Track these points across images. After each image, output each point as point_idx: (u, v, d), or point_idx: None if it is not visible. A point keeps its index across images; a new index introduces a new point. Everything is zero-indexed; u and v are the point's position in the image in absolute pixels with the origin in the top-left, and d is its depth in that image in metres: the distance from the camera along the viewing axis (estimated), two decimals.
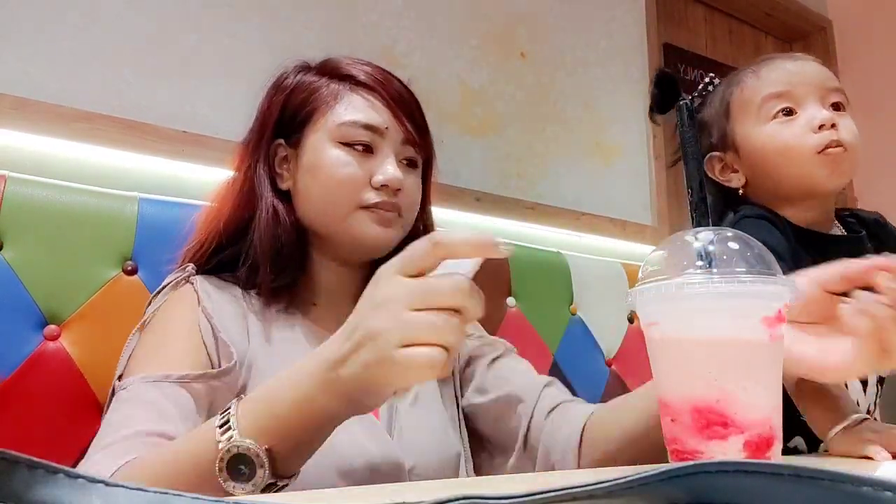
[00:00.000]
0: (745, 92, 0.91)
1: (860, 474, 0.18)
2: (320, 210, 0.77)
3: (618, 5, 2.18)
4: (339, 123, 0.76)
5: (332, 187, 0.75)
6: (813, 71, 0.88)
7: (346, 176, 0.75)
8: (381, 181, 0.75)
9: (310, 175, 0.77)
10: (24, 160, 1.10)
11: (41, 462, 0.24)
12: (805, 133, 0.84)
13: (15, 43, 1.14)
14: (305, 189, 0.77)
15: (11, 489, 0.23)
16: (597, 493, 0.22)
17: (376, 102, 0.77)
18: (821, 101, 0.86)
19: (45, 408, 0.81)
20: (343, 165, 0.75)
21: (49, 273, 0.85)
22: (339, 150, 0.75)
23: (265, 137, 0.80)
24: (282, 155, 0.80)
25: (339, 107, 0.77)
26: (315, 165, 0.76)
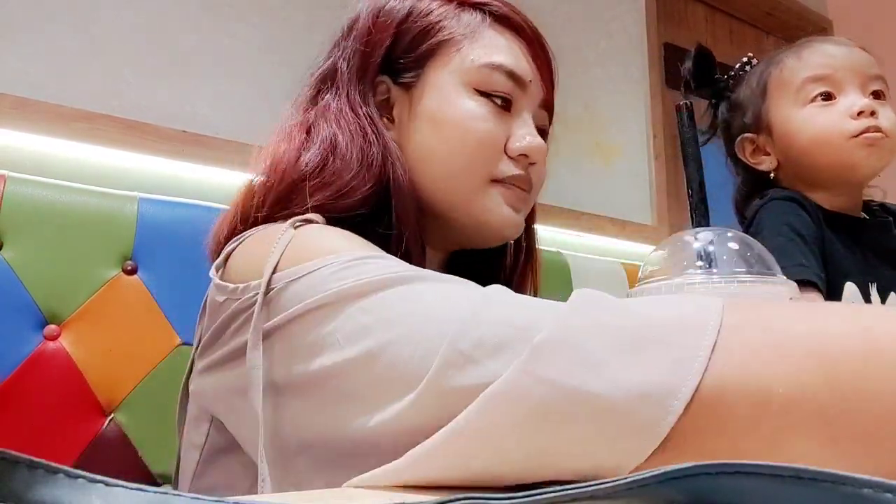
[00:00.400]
0: (785, 73, 0.89)
1: (861, 476, 0.18)
2: (442, 176, 0.58)
3: (618, 5, 2.18)
4: (480, 65, 0.58)
5: (462, 147, 0.57)
6: (856, 56, 0.85)
7: (484, 135, 0.57)
8: (520, 149, 0.58)
9: (431, 126, 0.58)
10: (24, 160, 1.10)
11: (41, 462, 0.24)
12: (843, 119, 0.83)
13: (15, 43, 1.14)
14: (423, 145, 0.58)
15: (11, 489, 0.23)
16: (597, 494, 0.22)
17: (521, 48, 0.61)
18: (861, 88, 0.84)
19: (45, 408, 0.81)
20: (481, 120, 0.57)
21: (49, 273, 0.85)
22: (475, 99, 0.58)
23: (370, 72, 0.60)
24: (382, 97, 0.61)
25: (477, 43, 0.59)
26: (442, 115, 0.57)
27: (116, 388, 0.85)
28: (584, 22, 2.06)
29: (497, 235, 0.60)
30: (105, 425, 0.85)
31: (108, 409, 0.85)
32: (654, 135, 2.14)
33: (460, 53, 0.59)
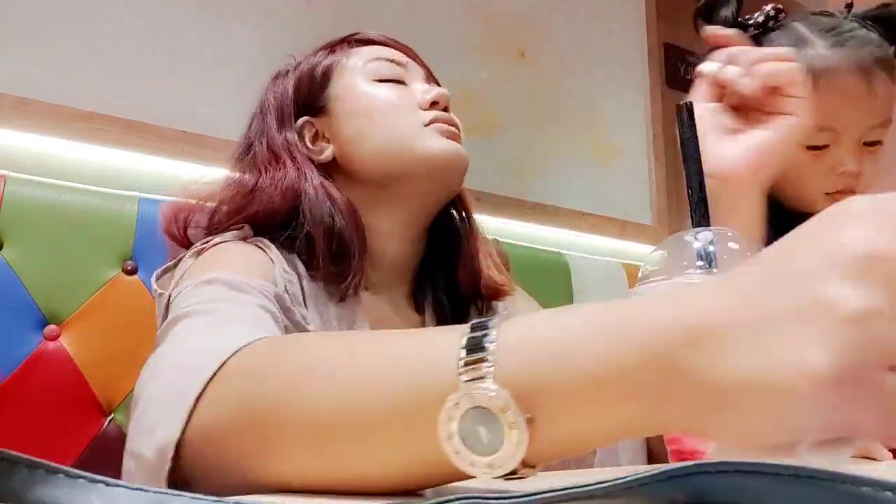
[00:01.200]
0: None
1: (860, 474, 0.18)
2: (382, 145, 0.69)
3: (618, 5, 2.18)
4: (365, 62, 0.72)
5: (386, 115, 0.69)
6: (869, 104, 0.80)
7: (397, 100, 0.70)
8: (429, 98, 0.70)
9: (357, 118, 0.71)
10: (24, 160, 1.10)
11: (41, 462, 0.24)
12: (825, 175, 0.82)
13: (15, 43, 1.14)
14: (356, 136, 0.71)
15: (11, 489, 0.23)
16: (596, 494, 0.22)
17: (385, 48, 0.75)
18: (858, 141, 0.81)
19: (45, 408, 0.81)
20: (387, 94, 0.71)
21: (49, 273, 0.85)
22: (375, 84, 0.71)
23: (286, 121, 0.74)
24: (311, 134, 0.74)
25: (354, 56, 0.74)
26: (359, 106, 0.71)
27: (116, 388, 0.85)
28: (584, 22, 2.06)
29: (444, 164, 0.69)
30: (105, 425, 0.85)
31: (108, 409, 0.85)
32: (655, 135, 2.14)
33: (347, 66, 0.73)
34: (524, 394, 0.27)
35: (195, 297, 0.51)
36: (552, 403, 0.27)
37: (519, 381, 0.27)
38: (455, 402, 0.28)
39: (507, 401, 0.27)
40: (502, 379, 0.28)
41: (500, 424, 0.27)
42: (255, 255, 0.63)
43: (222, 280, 0.53)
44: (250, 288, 0.53)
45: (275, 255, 0.64)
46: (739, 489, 0.20)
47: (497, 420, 0.27)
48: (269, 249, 0.64)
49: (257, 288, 0.54)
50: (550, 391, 0.27)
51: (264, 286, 0.55)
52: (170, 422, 0.35)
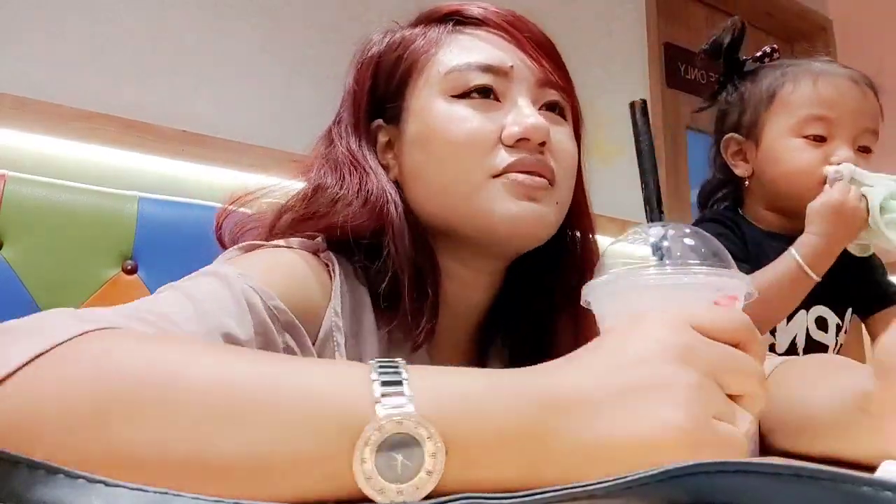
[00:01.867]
0: (795, 95, 0.90)
1: (860, 474, 0.18)
2: (439, 191, 0.55)
3: (618, 5, 2.18)
4: (447, 70, 0.55)
5: (449, 154, 0.54)
6: (862, 105, 0.87)
7: (467, 135, 0.53)
8: (515, 134, 0.53)
9: (419, 148, 0.56)
10: (24, 159, 1.10)
11: (41, 462, 0.24)
12: (822, 164, 0.86)
13: (15, 43, 1.14)
14: (417, 169, 0.56)
15: (12, 489, 0.23)
16: (597, 493, 0.22)
17: (494, 38, 0.57)
18: (852, 140, 0.86)
19: None
20: (460, 122, 0.54)
21: (49, 272, 0.85)
22: (453, 105, 0.54)
23: (361, 121, 0.59)
24: (383, 141, 0.60)
25: (442, 52, 0.57)
26: (424, 134, 0.55)
27: None
28: (584, 22, 2.07)
29: (506, 232, 0.53)
30: None
31: None
32: (655, 135, 2.14)
33: (429, 69, 0.57)
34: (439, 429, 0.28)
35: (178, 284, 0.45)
36: (463, 442, 0.29)
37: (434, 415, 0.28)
38: (377, 426, 0.28)
39: (432, 430, 0.28)
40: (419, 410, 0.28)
41: (420, 452, 0.28)
42: (307, 272, 0.52)
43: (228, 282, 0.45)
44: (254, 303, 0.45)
45: (336, 291, 0.52)
46: (739, 489, 0.20)
47: (418, 448, 0.28)
48: (335, 278, 0.53)
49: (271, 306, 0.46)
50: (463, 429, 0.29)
51: (279, 310, 0.47)
52: None
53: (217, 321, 0.42)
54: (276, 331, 0.46)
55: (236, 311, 0.44)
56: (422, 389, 0.29)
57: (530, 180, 0.52)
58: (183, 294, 0.43)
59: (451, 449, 0.28)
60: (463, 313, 0.60)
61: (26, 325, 0.35)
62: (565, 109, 0.60)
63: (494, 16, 0.58)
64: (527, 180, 0.52)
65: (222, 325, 0.42)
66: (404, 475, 0.28)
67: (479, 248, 0.56)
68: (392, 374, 0.30)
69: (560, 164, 0.55)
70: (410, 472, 0.28)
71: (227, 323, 0.43)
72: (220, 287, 0.45)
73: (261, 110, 1.29)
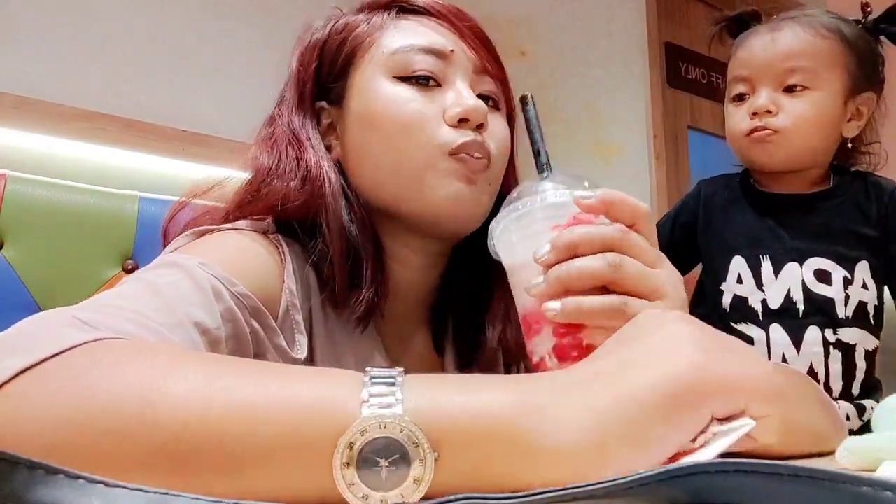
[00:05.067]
0: (729, 65, 0.95)
1: (860, 474, 0.18)
2: (385, 170, 0.56)
3: (619, 5, 2.18)
4: (391, 51, 0.57)
5: (396, 134, 0.55)
6: (775, 52, 0.88)
7: (413, 113, 0.55)
8: (457, 113, 0.54)
9: (364, 126, 0.57)
10: (25, 159, 1.10)
11: (41, 463, 0.24)
12: (744, 118, 0.89)
13: (15, 43, 1.14)
14: (361, 147, 0.57)
15: (11, 489, 0.23)
16: (597, 494, 0.22)
17: (435, 24, 0.60)
18: (775, 84, 0.89)
19: None
20: (405, 102, 0.55)
21: (49, 272, 0.85)
22: (397, 85, 0.56)
23: (306, 101, 0.61)
24: (326, 122, 0.61)
25: (386, 36, 0.58)
26: (369, 112, 0.57)
27: None
28: (584, 22, 2.06)
29: (450, 214, 0.55)
30: None
31: None
32: (655, 134, 2.14)
33: (373, 51, 0.58)
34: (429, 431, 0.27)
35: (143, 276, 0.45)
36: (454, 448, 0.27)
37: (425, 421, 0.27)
38: (361, 429, 0.26)
39: (419, 436, 0.26)
40: (409, 413, 0.27)
41: (407, 459, 0.26)
42: (261, 254, 0.53)
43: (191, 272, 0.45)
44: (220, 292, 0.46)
45: (288, 270, 0.54)
46: (739, 489, 0.20)
47: (405, 454, 0.26)
48: (286, 259, 0.54)
49: (236, 293, 0.47)
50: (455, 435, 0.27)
51: (244, 295, 0.47)
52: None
53: (185, 312, 0.42)
54: (244, 318, 0.47)
55: (203, 301, 0.44)
56: (415, 395, 0.28)
57: (475, 162, 0.55)
58: (150, 287, 0.43)
59: (442, 456, 0.27)
60: (412, 296, 0.61)
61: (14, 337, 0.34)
62: (499, 101, 0.62)
63: (437, 5, 0.60)
64: (473, 163, 0.54)
65: (191, 314, 0.42)
66: (388, 483, 0.26)
67: (418, 228, 0.57)
68: (385, 380, 0.29)
69: (495, 146, 0.57)
70: (396, 479, 0.26)
71: (194, 313, 0.43)
72: (183, 277, 0.44)
73: (261, 110, 1.29)
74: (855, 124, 0.91)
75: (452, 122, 0.54)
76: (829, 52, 0.88)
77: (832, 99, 0.88)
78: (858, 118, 0.91)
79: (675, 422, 0.28)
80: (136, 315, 0.38)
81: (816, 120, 0.87)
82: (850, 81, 0.89)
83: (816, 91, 0.88)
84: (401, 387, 0.28)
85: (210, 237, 0.53)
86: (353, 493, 0.26)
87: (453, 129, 0.54)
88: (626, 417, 0.28)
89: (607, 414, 0.28)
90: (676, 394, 0.28)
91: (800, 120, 0.87)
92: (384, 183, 0.56)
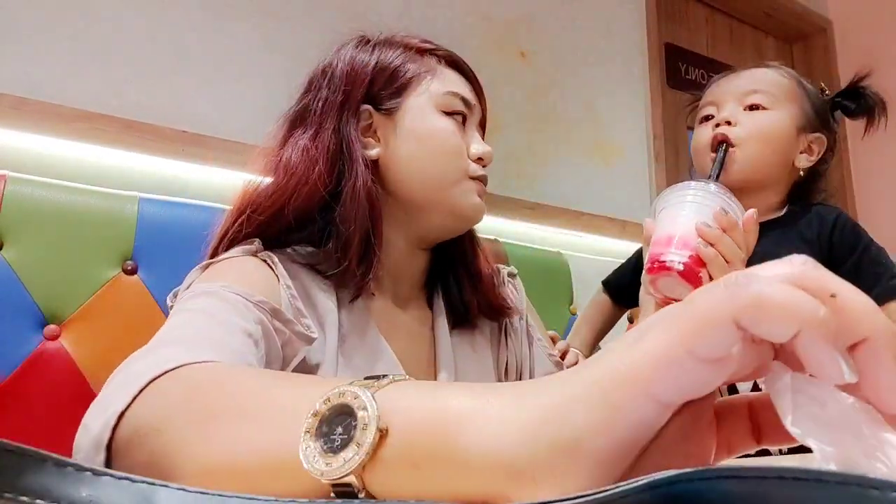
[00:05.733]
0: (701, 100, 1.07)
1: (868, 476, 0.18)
2: (424, 177, 0.74)
3: (618, 5, 2.17)
4: (444, 92, 0.75)
5: (442, 154, 0.74)
6: (735, 83, 1.01)
7: (456, 145, 0.75)
8: (478, 153, 0.76)
9: (414, 141, 0.74)
10: (24, 160, 1.10)
11: (31, 450, 0.24)
12: (707, 132, 0.99)
13: (15, 43, 1.14)
14: (407, 156, 0.73)
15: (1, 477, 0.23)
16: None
17: (465, 81, 0.79)
18: (737, 103, 0.98)
19: (45, 408, 0.81)
20: (452, 134, 0.74)
21: (49, 273, 0.85)
22: (444, 118, 0.75)
23: (353, 100, 0.74)
24: (366, 122, 0.75)
25: (437, 78, 0.76)
26: (422, 131, 0.74)
27: None
28: (584, 22, 2.06)
29: (470, 219, 0.77)
30: None
31: None
32: (655, 135, 2.14)
33: (427, 85, 0.75)
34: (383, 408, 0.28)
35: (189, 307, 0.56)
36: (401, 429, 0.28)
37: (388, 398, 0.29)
38: (325, 398, 0.29)
39: (371, 403, 0.28)
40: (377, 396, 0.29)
41: (354, 424, 0.28)
42: (258, 268, 0.66)
43: (221, 295, 0.57)
44: (247, 304, 0.58)
45: (280, 272, 0.66)
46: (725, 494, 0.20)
47: (352, 418, 0.28)
48: (276, 266, 0.66)
49: (256, 302, 0.58)
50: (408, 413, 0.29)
51: (263, 302, 0.59)
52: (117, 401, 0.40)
53: (233, 322, 0.55)
54: (268, 320, 0.59)
55: (239, 312, 0.57)
56: (393, 387, 0.30)
57: (483, 188, 0.78)
58: (198, 312, 0.55)
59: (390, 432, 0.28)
60: (405, 279, 0.78)
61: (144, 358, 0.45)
62: None
63: (468, 68, 0.81)
64: (482, 188, 0.77)
65: (239, 325, 0.55)
66: (338, 447, 0.28)
67: (430, 226, 0.76)
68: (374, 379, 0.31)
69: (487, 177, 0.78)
70: (343, 444, 0.28)
71: (238, 322, 0.55)
72: (216, 300, 0.57)
73: (261, 110, 1.29)
74: (806, 158, 1.00)
75: (474, 158, 0.76)
76: (788, 88, 1.00)
77: (788, 121, 0.98)
78: (810, 153, 1.00)
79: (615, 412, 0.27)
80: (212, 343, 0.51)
81: (772, 135, 0.96)
82: (803, 117, 0.99)
83: (774, 111, 0.97)
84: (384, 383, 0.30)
85: (214, 267, 0.65)
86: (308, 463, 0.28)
87: (473, 163, 0.76)
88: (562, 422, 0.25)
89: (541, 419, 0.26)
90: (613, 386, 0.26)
91: (757, 132, 0.96)
92: (422, 187, 0.74)
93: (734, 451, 0.28)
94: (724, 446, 0.28)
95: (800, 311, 0.22)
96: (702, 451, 0.27)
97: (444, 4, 1.75)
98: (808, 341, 0.22)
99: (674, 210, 0.65)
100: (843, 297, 0.22)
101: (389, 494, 0.28)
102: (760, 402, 0.28)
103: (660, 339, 0.24)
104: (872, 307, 0.23)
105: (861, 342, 0.22)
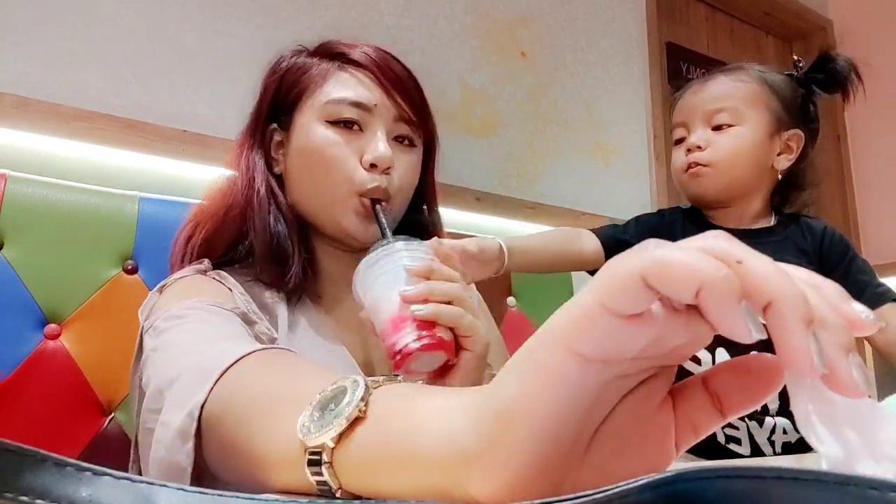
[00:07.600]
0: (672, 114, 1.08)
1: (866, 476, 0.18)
2: (310, 193, 0.73)
3: (619, 5, 2.17)
4: (327, 101, 0.72)
5: (321, 168, 0.71)
6: (701, 99, 1.02)
7: (335, 156, 0.71)
8: (368, 160, 0.70)
9: (300, 157, 0.73)
10: (25, 159, 1.10)
11: (29, 449, 0.24)
12: (681, 156, 1.02)
13: (15, 43, 1.14)
14: (296, 172, 0.74)
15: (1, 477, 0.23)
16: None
17: (366, 79, 0.73)
18: (704, 124, 1.00)
19: (45, 407, 0.81)
20: (331, 145, 0.71)
21: (49, 272, 0.85)
22: (328, 129, 0.72)
23: (260, 122, 0.77)
24: (276, 140, 0.77)
25: (327, 85, 0.73)
26: (304, 147, 0.73)
27: (116, 387, 0.85)
28: (584, 22, 2.06)
29: (355, 239, 0.73)
30: (105, 424, 0.85)
31: (109, 408, 0.85)
32: (655, 134, 2.14)
33: (315, 96, 0.73)
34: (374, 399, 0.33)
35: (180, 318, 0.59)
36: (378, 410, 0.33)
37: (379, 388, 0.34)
38: (334, 382, 0.35)
39: (361, 388, 0.33)
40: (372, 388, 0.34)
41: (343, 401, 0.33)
42: (210, 282, 0.69)
43: (202, 308, 0.60)
44: (225, 312, 0.61)
45: (232, 283, 0.69)
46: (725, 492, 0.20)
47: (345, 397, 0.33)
48: (226, 279, 0.70)
49: (230, 309, 0.62)
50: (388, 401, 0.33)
51: (234, 308, 0.63)
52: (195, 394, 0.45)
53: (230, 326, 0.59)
54: (240, 323, 0.62)
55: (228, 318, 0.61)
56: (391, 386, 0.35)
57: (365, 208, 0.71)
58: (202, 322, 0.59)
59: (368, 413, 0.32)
60: (343, 282, 0.75)
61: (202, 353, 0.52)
62: (414, 138, 0.76)
63: (370, 61, 0.74)
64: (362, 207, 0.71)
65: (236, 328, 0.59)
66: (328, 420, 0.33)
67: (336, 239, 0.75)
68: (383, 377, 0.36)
69: (397, 183, 0.73)
70: (333, 416, 0.33)
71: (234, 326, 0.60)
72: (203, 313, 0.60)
73: None
74: (785, 157, 1.00)
75: (365, 167, 0.70)
76: (750, 93, 0.99)
77: (757, 132, 0.98)
78: (788, 152, 1.00)
79: None
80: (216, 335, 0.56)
81: (742, 151, 0.98)
82: (773, 119, 0.99)
83: (741, 126, 0.98)
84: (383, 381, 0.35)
85: (172, 288, 0.67)
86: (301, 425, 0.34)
87: (367, 172, 0.70)
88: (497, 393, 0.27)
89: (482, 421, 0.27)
90: None
91: (726, 152, 0.98)
92: (309, 204, 0.74)
93: (700, 429, 0.28)
94: (688, 425, 0.28)
95: (700, 269, 0.22)
96: (659, 431, 0.28)
97: (444, 4, 1.75)
98: (711, 299, 0.22)
99: (376, 293, 0.61)
100: (749, 262, 0.23)
101: (357, 468, 0.31)
102: (713, 372, 0.28)
103: (578, 298, 0.25)
104: (779, 271, 0.23)
105: (768, 305, 0.23)
